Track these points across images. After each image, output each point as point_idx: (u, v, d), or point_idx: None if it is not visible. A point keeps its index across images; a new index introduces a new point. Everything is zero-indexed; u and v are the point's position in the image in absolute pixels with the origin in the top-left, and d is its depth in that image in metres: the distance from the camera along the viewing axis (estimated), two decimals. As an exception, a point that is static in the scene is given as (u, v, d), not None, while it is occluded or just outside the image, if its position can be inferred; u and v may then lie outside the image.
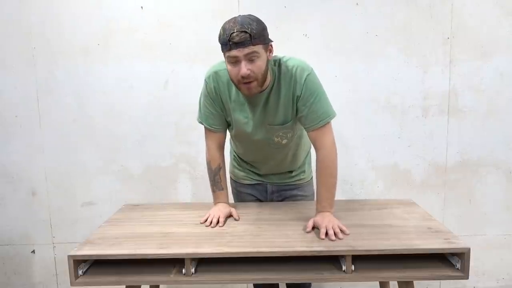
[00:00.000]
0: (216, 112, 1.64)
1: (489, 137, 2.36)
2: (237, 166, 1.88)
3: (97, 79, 2.30)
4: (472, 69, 2.30)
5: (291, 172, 1.82)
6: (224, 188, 1.69)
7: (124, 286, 1.45)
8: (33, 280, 2.50)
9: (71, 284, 1.33)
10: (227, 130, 1.73)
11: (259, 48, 1.39)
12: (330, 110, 1.55)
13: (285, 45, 2.22)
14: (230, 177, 1.93)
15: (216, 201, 1.70)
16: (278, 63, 1.55)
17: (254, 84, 1.44)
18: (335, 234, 1.41)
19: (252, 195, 1.86)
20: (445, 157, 2.38)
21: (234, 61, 1.40)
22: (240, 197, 1.90)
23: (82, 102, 2.32)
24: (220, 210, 1.63)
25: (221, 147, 1.71)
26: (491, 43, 2.27)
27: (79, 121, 2.34)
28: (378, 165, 2.39)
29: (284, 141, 1.66)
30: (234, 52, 1.38)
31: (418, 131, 2.35)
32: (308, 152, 1.87)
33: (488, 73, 2.30)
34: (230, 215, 1.65)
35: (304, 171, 1.85)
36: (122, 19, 2.25)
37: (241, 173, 1.86)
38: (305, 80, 1.51)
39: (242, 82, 1.43)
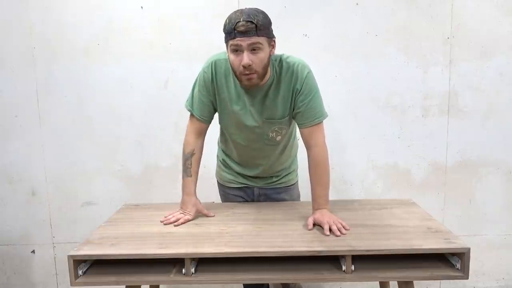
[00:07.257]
0: (208, 102, 1.63)
1: (489, 137, 2.36)
2: (224, 169, 1.86)
3: (97, 79, 2.30)
4: (472, 69, 2.30)
5: (278, 174, 1.82)
6: (192, 175, 1.65)
7: (124, 286, 1.44)
8: (33, 280, 2.49)
9: (71, 284, 1.33)
10: (219, 129, 1.76)
11: (263, 40, 1.43)
12: (324, 110, 1.62)
13: (285, 45, 2.21)
14: (217, 181, 1.92)
15: (183, 190, 1.66)
16: (279, 59, 1.59)
17: (254, 76, 1.45)
18: (338, 229, 1.43)
19: (240, 196, 1.86)
20: (445, 157, 2.38)
21: (237, 50, 1.42)
22: (228, 198, 1.88)
23: (82, 102, 2.32)
24: (185, 212, 1.62)
25: (201, 135, 1.69)
26: (491, 43, 2.27)
27: (79, 121, 2.34)
28: (378, 165, 2.39)
29: (278, 138, 1.67)
30: (238, 41, 1.40)
31: (418, 131, 2.35)
32: (295, 156, 1.90)
33: (488, 73, 2.30)
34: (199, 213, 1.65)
35: (291, 173, 1.86)
36: (122, 19, 2.25)
37: (229, 176, 1.84)
38: (306, 76, 1.56)
39: (243, 73, 1.44)
